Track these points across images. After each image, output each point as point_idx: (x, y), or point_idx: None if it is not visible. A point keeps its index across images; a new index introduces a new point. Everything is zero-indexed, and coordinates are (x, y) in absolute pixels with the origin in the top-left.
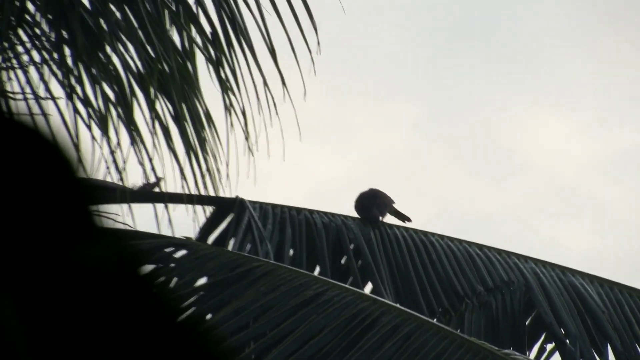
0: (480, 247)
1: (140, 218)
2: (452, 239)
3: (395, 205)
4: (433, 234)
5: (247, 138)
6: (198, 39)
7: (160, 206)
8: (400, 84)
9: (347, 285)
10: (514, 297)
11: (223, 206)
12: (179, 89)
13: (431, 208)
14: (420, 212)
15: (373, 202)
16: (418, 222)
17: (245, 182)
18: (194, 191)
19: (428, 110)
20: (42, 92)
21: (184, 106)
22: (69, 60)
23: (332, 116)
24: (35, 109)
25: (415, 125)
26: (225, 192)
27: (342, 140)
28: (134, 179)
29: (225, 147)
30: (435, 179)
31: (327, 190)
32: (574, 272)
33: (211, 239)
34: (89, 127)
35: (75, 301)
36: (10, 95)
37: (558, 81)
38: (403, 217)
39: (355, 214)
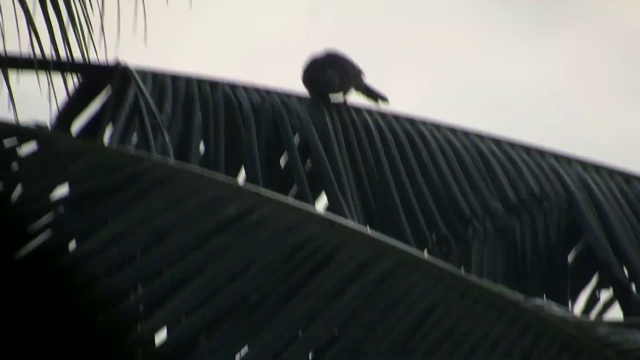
0: (498, 141)
1: None
2: (453, 130)
3: (365, 80)
4: (424, 122)
5: None
6: None
7: None
8: None
9: (288, 199)
10: (549, 219)
11: (95, 76)
12: None
13: (429, 80)
14: (412, 86)
15: (330, 67)
16: (407, 102)
17: (131, 38)
18: (49, 52)
19: None
20: None
21: None
22: None
23: None
24: None
25: None
26: (100, 54)
27: None
28: None
29: None
30: (438, 31)
31: (263, 52)
32: None
33: (77, 126)
34: None
35: None
36: None
37: None
38: (375, 96)
39: (303, 90)
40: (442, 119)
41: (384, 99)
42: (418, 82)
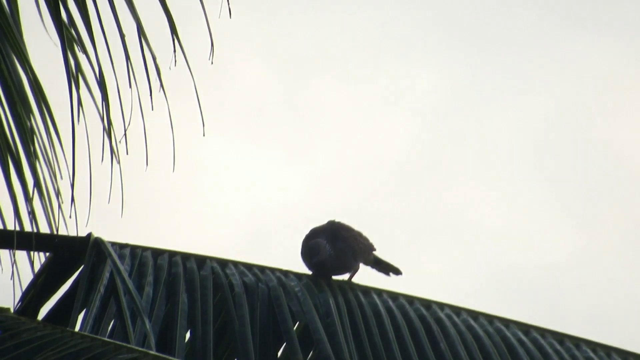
0: (527, 329)
1: None
2: (475, 315)
3: (375, 253)
4: (441, 305)
5: (108, 129)
6: None
7: None
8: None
9: None
10: None
11: (66, 252)
12: None
13: (457, 263)
14: (437, 264)
15: (333, 242)
16: (430, 281)
17: (106, 213)
18: (12, 226)
19: (446, 82)
20: None
21: None
22: None
23: (282, 96)
24: None
25: (425, 113)
26: (70, 228)
27: (299, 141)
28: None
29: (70, 145)
30: (461, 204)
31: (256, 231)
32: None
33: (44, 311)
34: None
35: None
36: None
37: None
38: (389, 269)
39: (303, 268)
40: (464, 302)
41: (398, 272)
42: (444, 260)
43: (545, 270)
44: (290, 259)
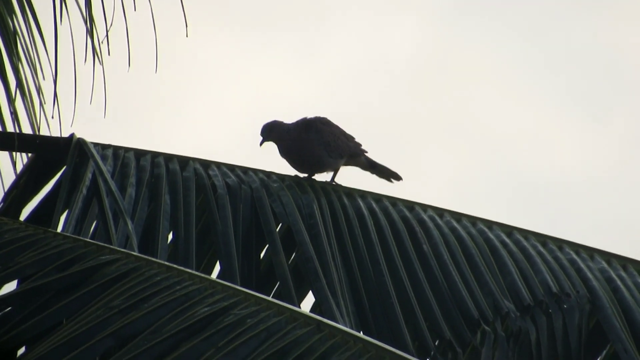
0: (510, 231)
1: None
2: (457, 217)
3: (370, 156)
4: (424, 207)
5: (90, 29)
6: None
7: None
8: None
9: (269, 298)
10: (569, 320)
11: (48, 153)
12: None
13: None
14: (441, 168)
15: (305, 130)
16: (434, 185)
17: (88, 114)
18: None
19: None
20: None
21: None
22: None
23: None
24: None
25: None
26: (53, 129)
27: (301, 42)
28: None
29: (53, 46)
30: (467, 105)
31: (244, 131)
32: None
33: (26, 211)
34: None
35: None
36: None
37: None
38: (388, 174)
39: (287, 169)
40: (471, 210)
41: (397, 177)
42: (447, 164)
43: (554, 173)
44: (273, 161)
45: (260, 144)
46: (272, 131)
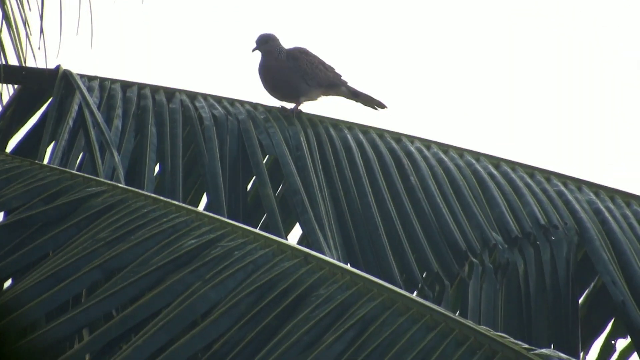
0: (497, 163)
1: None
2: (445, 148)
3: (352, 85)
4: (411, 138)
5: None
6: None
7: None
8: None
9: (256, 230)
10: (557, 252)
11: (34, 84)
12: None
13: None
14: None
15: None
16: (414, 119)
17: (75, 45)
18: None
19: None
20: None
21: None
22: None
23: None
24: None
25: None
26: (39, 60)
27: None
28: None
29: None
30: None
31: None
32: None
33: (12, 143)
34: None
35: None
36: None
37: None
38: (372, 102)
39: (273, 101)
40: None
41: (382, 105)
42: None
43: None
44: (260, 93)
45: (252, 50)
46: (267, 43)
